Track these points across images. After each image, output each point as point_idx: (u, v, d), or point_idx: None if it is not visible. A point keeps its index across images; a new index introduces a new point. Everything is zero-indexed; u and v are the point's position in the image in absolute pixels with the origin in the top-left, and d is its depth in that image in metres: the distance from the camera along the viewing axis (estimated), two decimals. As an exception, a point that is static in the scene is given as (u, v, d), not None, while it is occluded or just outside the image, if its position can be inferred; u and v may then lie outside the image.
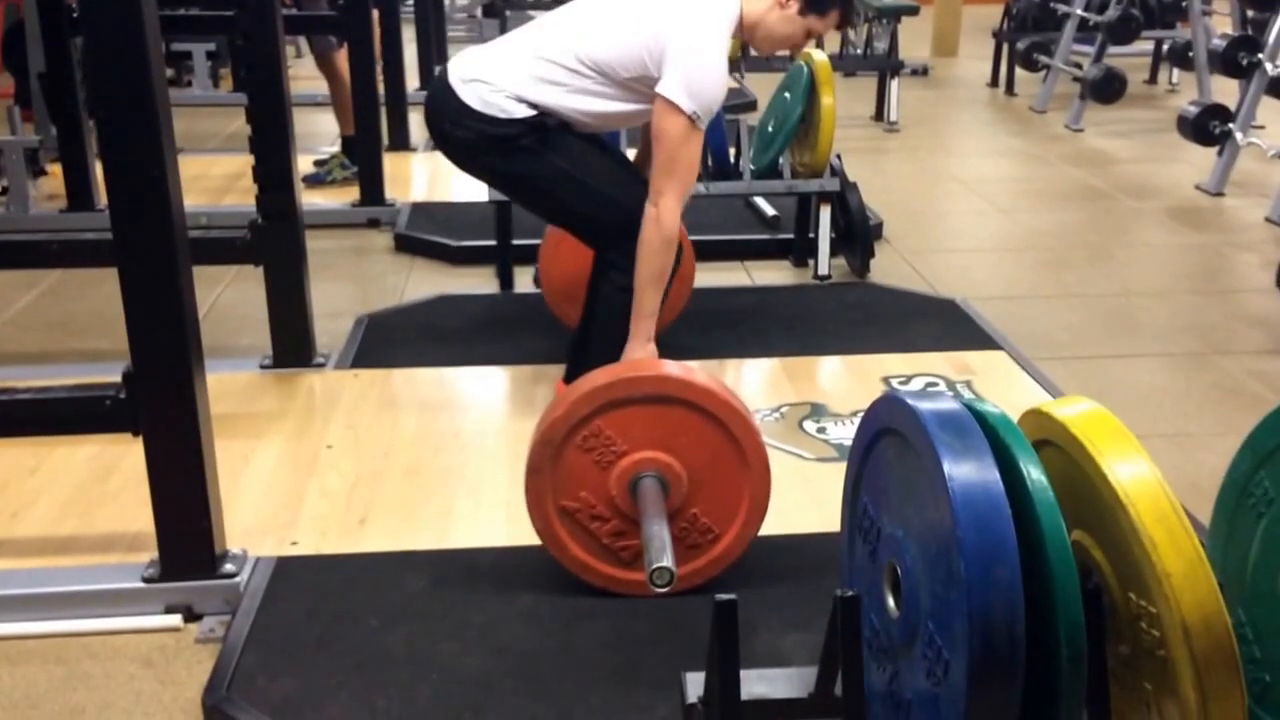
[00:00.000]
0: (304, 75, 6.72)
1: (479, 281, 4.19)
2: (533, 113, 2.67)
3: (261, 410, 3.10)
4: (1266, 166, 5.55)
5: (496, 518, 2.55)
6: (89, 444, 2.74)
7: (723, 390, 2.18)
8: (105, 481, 2.68)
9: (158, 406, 2.15)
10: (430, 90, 2.82)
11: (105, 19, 2.00)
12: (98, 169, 4.59)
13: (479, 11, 10.34)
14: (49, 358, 3.60)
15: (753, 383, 3.34)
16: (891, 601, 1.50)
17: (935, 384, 3.28)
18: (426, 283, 4.21)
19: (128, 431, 2.18)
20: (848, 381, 3.36)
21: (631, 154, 3.22)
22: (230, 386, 3.14)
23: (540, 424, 2.19)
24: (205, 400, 2.21)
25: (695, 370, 2.23)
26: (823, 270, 4.20)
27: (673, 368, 2.22)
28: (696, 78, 2.58)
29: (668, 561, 1.88)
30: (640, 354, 2.64)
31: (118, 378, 2.16)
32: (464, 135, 2.71)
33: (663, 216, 2.60)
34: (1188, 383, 3.46)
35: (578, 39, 2.67)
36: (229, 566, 2.29)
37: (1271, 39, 5.35)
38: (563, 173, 2.73)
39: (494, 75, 2.68)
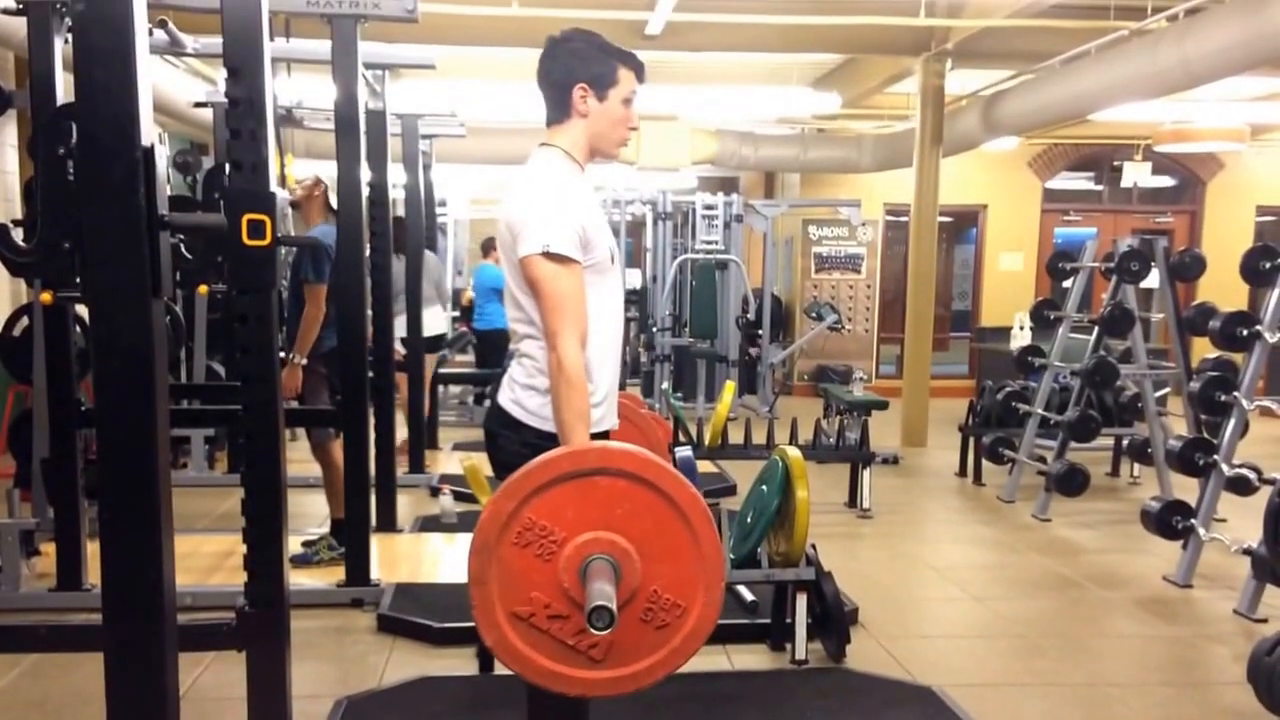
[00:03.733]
0: (296, 459, 6.93)
1: (459, 663, 4.19)
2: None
3: (229, 802, 3.03)
4: (1231, 559, 5.69)
5: None
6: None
7: (641, 451, 2.09)
8: None
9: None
10: (489, 410, 2.82)
11: (120, 422, 2.16)
12: (90, 549, 4.69)
13: (470, 399, 10.82)
14: (21, 740, 3.55)
15: (730, 776, 3.30)
16: None
17: (914, 779, 3.24)
18: (407, 663, 4.21)
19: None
20: (826, 776, 3.33)
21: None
22: (200, 775, 3.09)
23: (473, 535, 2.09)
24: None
25: (611, 441, 2.15)
26: (800, 655, 4.24)
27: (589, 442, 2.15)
28: (535, 221, 2.58)
29: (604, 601, 1.78)
30: None
31: (91, 767, 2.16)
32: (504, 444, 2.69)
33: (564, 359, 2.50)
34: (1169, 781, 3.43)
35: (514, 302, 2.73)
36: None
37: (1225, 440, 5.63)
38: None
39: (525, 369, 2.71)
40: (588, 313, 2.60)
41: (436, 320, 8.34)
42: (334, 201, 5.24)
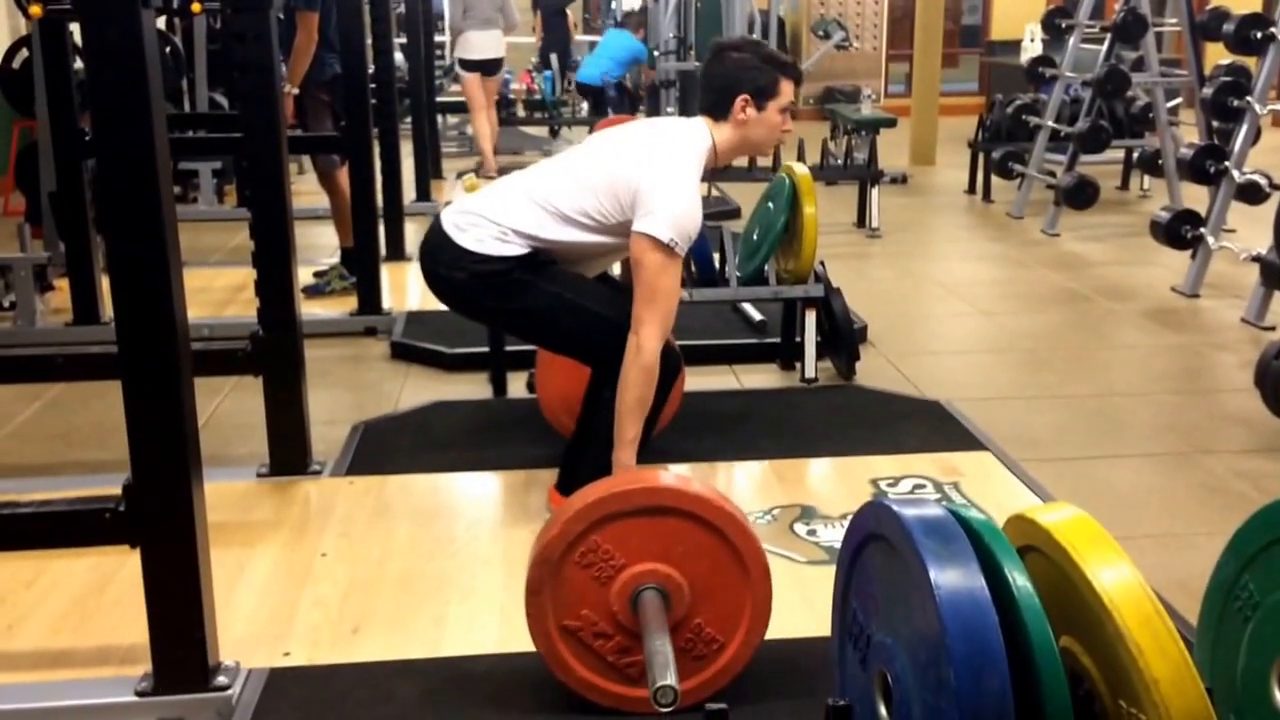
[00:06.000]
0: (305, 190, 6.84)
1: (472, 388, 4.24)
2: (524, 250, 2.77)
3: (257, 519, 3.12)
4: (1239, 268, 5.67)
5: (489, 624, 2.56)
6: (87, 555, 2.75)
7: (718, 497, 2.18)
8: (102, 593, 2.69)
9: (156, 520, 2.18)
10: (425, 238, 2.91)
11: (118, 143, 2.08)
12: (104, 283, 4.67)
13: (469, 128, 10.60)
14: (50, 470, 3.62)
15: (743, 486, 3.38)
16: (883, 710, 1.53)
17: (923, 485, 3.31)
18: (421, 389, 4.26)
19: (126, 544, 2.20)
20: (837, 483, 3.41)
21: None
22: (227, 495, 3.16)
23: (537, 543, 2.18)
24: (203, 513, 2.24)
25: (690, 479, 2.25)
26: (809, 373, 4.27)
27: (667, 478, 2.24)
28: (669, 208, 2.68)
29: (671, 679, 1.86)
30: None
31: (117, 490, 2.19)
32: (459, 277, 2.80)
33: (643, 345, 2.67)
34: (1172, 482, 3.51)
35: (559, 189, 2.79)
36: (221, 679, 2.28)
37: (1237, 147, 5.51)
38: (555, 296, 2.80)
39: (485, 216, 2.79)
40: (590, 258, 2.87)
41: (493, 43, 8.05)
42: None
